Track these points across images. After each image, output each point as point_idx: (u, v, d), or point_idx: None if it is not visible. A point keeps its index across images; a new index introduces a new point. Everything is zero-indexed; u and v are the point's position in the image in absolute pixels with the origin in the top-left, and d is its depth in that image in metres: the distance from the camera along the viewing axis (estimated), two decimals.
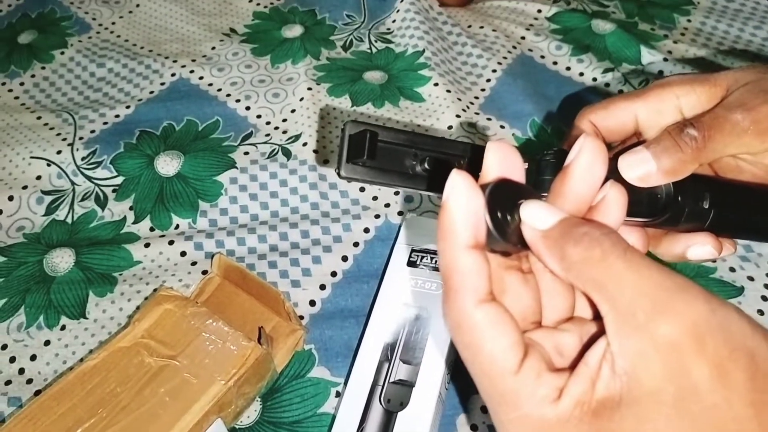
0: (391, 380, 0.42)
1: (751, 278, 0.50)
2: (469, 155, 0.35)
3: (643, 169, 0.33)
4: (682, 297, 0.23)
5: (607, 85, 0.65)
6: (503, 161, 0.27)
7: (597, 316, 0.27)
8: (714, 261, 0.51)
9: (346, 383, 0.46)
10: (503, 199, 0.26)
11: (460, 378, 0.45)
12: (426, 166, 0.34)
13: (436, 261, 0.48)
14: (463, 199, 0.25)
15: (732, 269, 0.51)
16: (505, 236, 0.26)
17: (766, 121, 0.33)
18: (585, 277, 0.24)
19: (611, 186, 0.28)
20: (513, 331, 0.25)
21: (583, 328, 0.27)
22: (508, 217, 0.26)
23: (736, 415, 0.22)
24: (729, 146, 0.34)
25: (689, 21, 0.71)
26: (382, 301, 0.46)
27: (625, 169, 0.33)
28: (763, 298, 0.49)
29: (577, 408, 0.24)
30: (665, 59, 0.65)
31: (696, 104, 0.35)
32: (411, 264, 0.48)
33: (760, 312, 0.49)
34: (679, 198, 0.35)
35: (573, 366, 0.25)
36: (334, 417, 0.44)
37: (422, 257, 0.48)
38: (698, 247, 0.37)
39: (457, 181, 0.25)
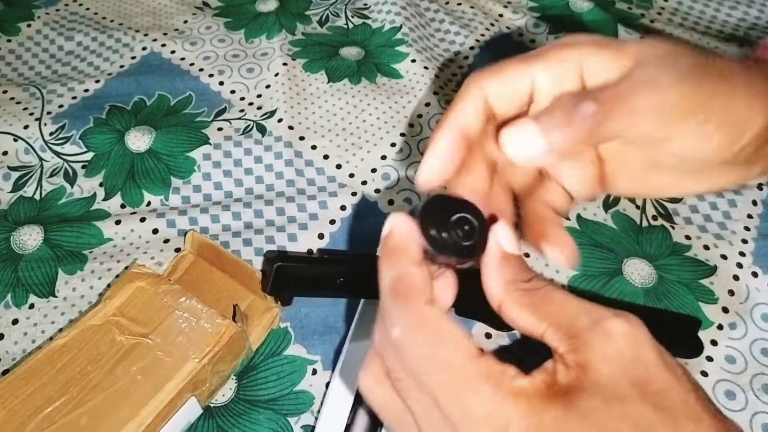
0: None
1: (724, 257, 0.51)
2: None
3: (531, 147, 0.28)
4: (623, 314, 0.25)
5: None
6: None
7: None
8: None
9: (325, 361, 0.45)
10: (438, 214, 0.28)
11: None
12: (343, 281, 0.43)
13: None
14: (406, 225, 0.27)
15: (706, 247, 0.51)
16: (441, 249, 0.27)
17: (672, 105, 0.28)
18: (524, 301, 0.26)
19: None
20: (461, 327, 0.26)
21: None
22: (443, 234, 0.27)
23: (684, 398, 0.23)
24: (628, 127, 0.29)
25: (666, 1, 0.71)
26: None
27: (509, 147, 0.29)
28: (735, 277, 0.50)
29: (547, 388, 0.24)
30: (642, 38, 0.65)
31: (599, 70, 0.30)
32: None
33: (731, 292, 0.49)
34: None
35: None
36: (311, 395, 0.44)
37: None
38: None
39: (397, 216, 0.28)
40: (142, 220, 0.52)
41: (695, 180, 0.32)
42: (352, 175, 0.56)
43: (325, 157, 0.57)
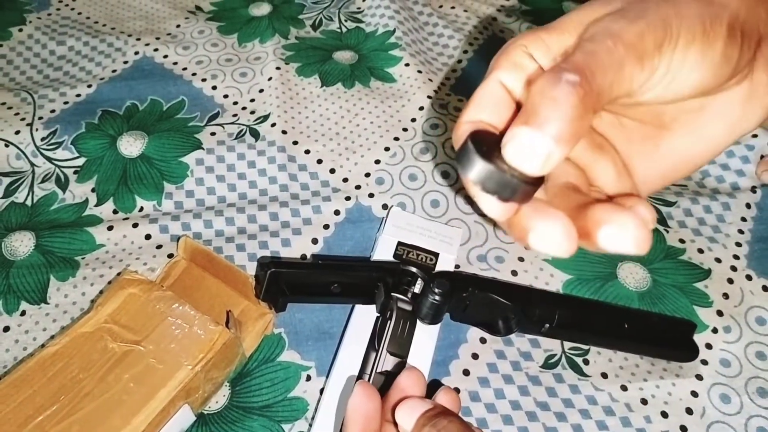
0: (378, 370, 0.42)
1: (718, 260, 0.51)
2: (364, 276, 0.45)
3: (541, 153, 0.24)
4: None
5: None
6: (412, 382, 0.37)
7: None
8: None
9: (319, 367, 0.45)
10: (491, 146, 0.26)
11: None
12: (337, 287, 0.44)
13: (422, 258, 0.48)
14: (366, 397, 0.36)
15: (700, 251, 0.51)
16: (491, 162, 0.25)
17: (640, 42, 0.26)
18: None
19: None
20: None
21: None
22: (504, 165, 0.25)
23: None
24: (614, 84, 0.26)
25: None
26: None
27: (518, 160, 0.25)
28: (729, 280, 0.50)
29: None
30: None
31: (547, 56, 0.29)
32: (396, 257, 0.48)
33: (725, 295, 0.49)
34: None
35: None
36: (305, 402, 0.44)
37: (408, 252, 0.48)
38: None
39: (360, 390, 0.36)
40: (135, 225, 0.52)
41: (713, 130, 0.31)
42: (345, 180, 0.56)
43: (319, 161, 0.57)
